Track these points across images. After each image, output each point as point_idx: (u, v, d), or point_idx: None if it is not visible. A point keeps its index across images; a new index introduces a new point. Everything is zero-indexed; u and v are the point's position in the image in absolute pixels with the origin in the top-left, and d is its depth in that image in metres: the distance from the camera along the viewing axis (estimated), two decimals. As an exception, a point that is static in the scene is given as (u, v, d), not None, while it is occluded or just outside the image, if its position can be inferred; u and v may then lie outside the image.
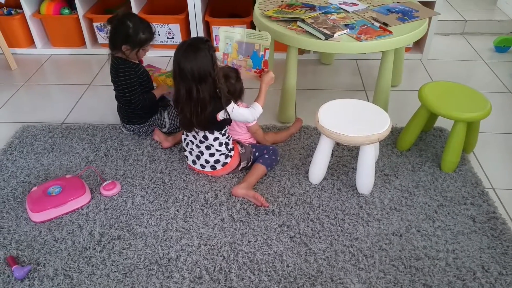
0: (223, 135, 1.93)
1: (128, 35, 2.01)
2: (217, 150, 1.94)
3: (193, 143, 1.97)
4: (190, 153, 2.00)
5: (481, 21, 3.44)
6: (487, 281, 1.58)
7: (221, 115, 1.84)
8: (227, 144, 1.96)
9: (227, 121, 1.90)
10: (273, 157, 2.04)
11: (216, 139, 1.92)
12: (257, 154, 2.04)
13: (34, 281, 1.58)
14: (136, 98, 2.11)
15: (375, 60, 2.99)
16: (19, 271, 1.58)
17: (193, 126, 1.86)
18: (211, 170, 1.99)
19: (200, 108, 1.78)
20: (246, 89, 2.05)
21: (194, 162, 2.01)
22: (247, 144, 2.07)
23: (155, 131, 2.24)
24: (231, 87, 1.94)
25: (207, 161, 1.97)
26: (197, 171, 2.04)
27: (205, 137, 1.91)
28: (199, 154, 1.97)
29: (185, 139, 2.02)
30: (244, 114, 1.92)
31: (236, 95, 1.98)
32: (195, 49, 1.71)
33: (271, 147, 2.08)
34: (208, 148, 1.94)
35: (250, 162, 2.04)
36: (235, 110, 1.87)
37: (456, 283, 1.57)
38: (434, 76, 2.90)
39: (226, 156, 1.97)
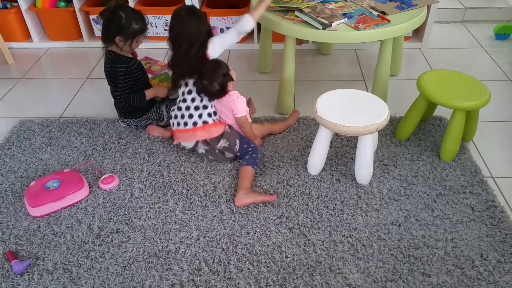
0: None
1: (121, 26, 1.98)
2: (201, 101, 1.99)
3: (180, 109, 2.01)
4: (176, 116, 2.03)
5: (481, 9, 3.41)
6: (486, 269, 1.58)
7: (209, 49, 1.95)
8: (215, 113, 2.02)
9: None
10: (254, 155, 2.00)
11: (205, 107, 1.99)
12: (239, 147, 2.03)
13: (33, 275, 1.59)
14: (122, 96, 2.10)
15: (375, 49, 2.96)
16: (18, 266, 1.59)
17: (187, 72, 1.99)
18: (192, 126, 1.98)
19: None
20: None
21: (178, 124, 2.02)
22: (235, 131, 2.06)
23: (151, 129, 2.23)
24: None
25: (190, 116, 1.99)
26: (180, 133, 2.03)
27: (193, 100, 1.99)
28: (184, 113, 2.00)
29: (173, 109, 2.06)
30: (224, 36, 1.99)
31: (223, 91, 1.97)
32: (196, 14, 1.95)
33: (251, 145, 2.05)
34: (197, 108, 1.99)
35: (233, 154, 2.03)
36: (212, 41, 1.94)
37: (454, 272, 1.57)
38: (433, 65, 2.88)
39: (209, 115, 1.99)
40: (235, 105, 1.99)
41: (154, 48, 3.03)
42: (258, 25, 2.94)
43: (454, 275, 1.56)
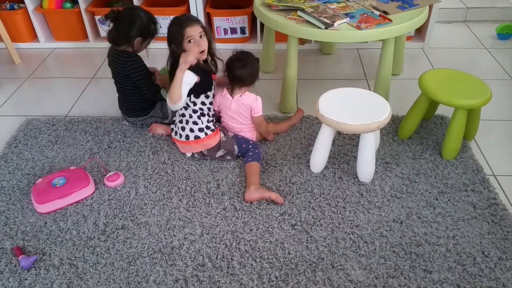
0: (195, 104, 2.01)
1: (143, 27, 2.03)
2: (190, 116, 2.02)
3: (178, 119, 2.07)
4: (175, 125, 2.09)
5: (484, 9, 3.42)
6: (487, 266, 1.59)
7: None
8: (202, 115, 2.02)
9: (195, 88, 1.99)
10: (257, 151, 2.03)
11: (187, 106, 2.01)
12: (238, 149, 2.06)
13: (40, 270, 1.61)
14: (150, 88, 2.16)
15: (377, 49, 2.97)
16: (26, 261, 1.61)
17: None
18: (185, 140, 2.03)
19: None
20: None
21: (176, 133, 2.08)
22: (231, 135, 2.08)
23: (155, 127, 2.26)
24: (244, 69, 2.01)
25: (183, 129, 2.03)
26: (178, 142, 2.10)
27: (186, 104, 2.02)
28: (178, 124, 2.06)
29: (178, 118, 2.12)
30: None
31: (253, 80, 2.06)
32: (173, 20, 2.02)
33: (250, 142, 2.08)
34: (187, 122, 2.02)
35: (233, 158, 2.08)
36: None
37: (456, 268, 1.58)
38: (435, 64, 2.89)
39: (201, 130, 2.01)
40: (255, 104, 2.03)
41: (159, 48, 3.04)
42: (261, 25, 2.96)
43: (456, 271, 1.58)
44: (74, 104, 2.59)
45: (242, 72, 2.01)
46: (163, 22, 3.05)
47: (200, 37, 1.95)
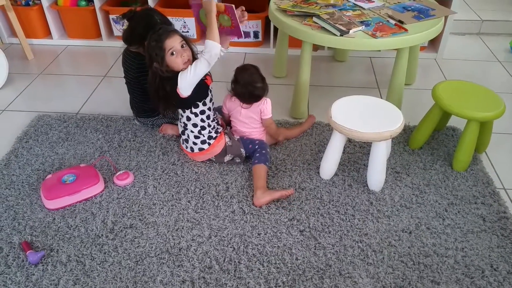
0: (196, 115, 1.94)
1: (155, 29, 2.01)
2: (191, 131, 1.99)
3: (181, 123, 2.05)
4: (181, 135, 2.09)
5: (498, 22, 3.41)
6: (496, 279, 1.58)
7: (180, 89, 1.85)
8: (203, 128, 1.97)
9: (191, 98, 1.89)
10: (264, 152, 2.02)
11: (188, 119, 1.97)
12: (245, 150, 2.06)
13: (47, 266, 1.62)
14: None
15: (390, 58, 2.98)
16: (33, 256, 1.62)
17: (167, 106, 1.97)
18: (190, 151, 2.04)
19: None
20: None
21: (182, 141, 2.07)
22: (236, 138, 2.08)
23: (165, 127, 2.27)
24: (259, 91, 1.99)
25: (186, 141, 2.03)
26: (185, 151, 2.10)
27: (187, 118, 1.98)
28: (182, 136, 2.06)
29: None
30: (196, 68, 1.81)
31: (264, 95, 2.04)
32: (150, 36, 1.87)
33: (256, 142, 2.07)
34: (185, 126, 2.00)
35: (242, 160, 2.07)
36: (183, 74, 1.83)
37: (464, 281, 1.57)
38: (448, 75, 2.88)
39: (203, 142, 2.00)
40: (265, 106, 2.04)
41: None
42: (275, 30, 2.97)
43: (464, 284, 1.56)
44: (86, 102, 2.60)
45: (251, 100, 2.02)
46: (177, 23, 3.07)
47: (182, 46, 1.85)
